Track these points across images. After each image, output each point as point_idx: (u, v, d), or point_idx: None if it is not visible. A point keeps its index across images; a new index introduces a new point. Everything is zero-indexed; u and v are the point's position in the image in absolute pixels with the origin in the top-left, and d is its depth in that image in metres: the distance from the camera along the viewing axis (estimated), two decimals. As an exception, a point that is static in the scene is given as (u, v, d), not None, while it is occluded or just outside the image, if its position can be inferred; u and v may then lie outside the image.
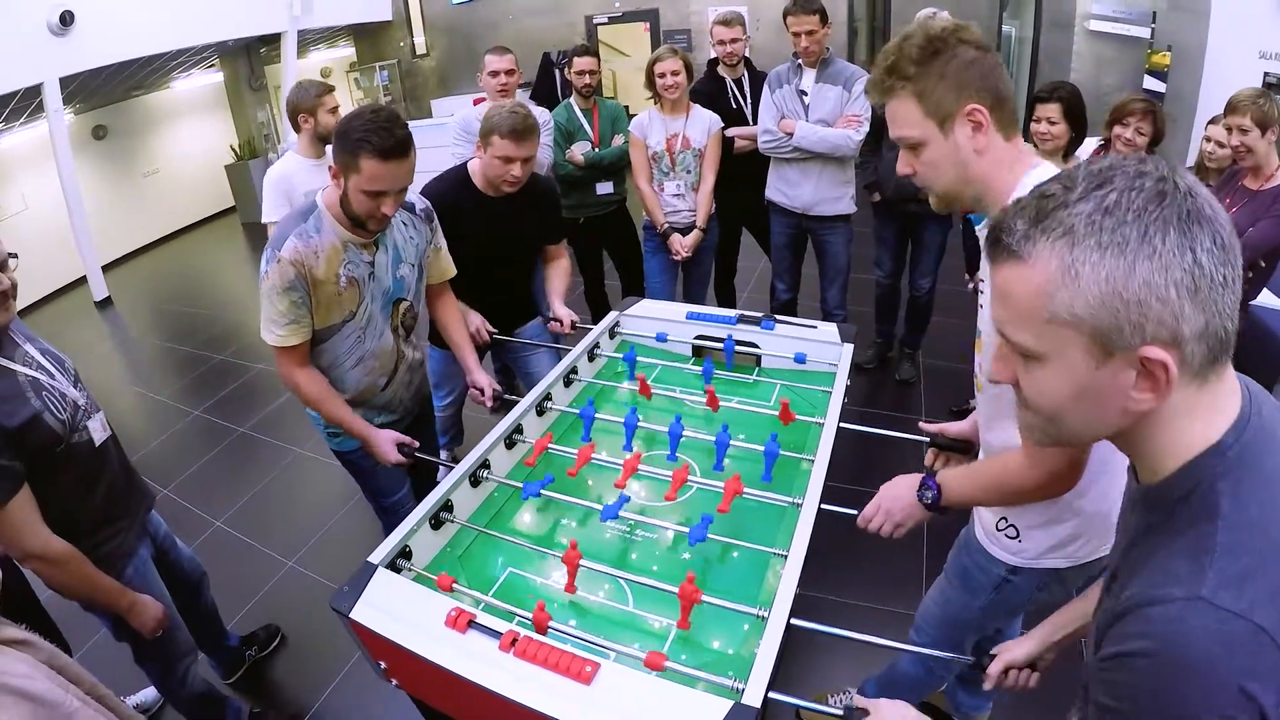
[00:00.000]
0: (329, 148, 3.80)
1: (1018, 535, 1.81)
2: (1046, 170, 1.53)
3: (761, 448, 2.22)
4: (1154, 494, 0.97)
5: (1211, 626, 0.82)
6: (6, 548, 1.95)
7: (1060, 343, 0.89)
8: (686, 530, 1.97)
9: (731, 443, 2.29)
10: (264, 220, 3.82)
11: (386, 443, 2.54)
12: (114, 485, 2.27)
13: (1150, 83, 6.14)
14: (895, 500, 1.87)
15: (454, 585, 1.87)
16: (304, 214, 2.37)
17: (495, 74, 4.17)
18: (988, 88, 1.47)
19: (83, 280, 8.66)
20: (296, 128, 3.91)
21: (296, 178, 3.81)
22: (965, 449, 2.13)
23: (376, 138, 2.16)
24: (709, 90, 4.48)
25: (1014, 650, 1.63)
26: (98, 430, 2.19)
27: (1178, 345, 0.85)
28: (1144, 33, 6.35)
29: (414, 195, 2.69)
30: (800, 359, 2.84)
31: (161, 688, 2.59)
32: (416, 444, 2.60)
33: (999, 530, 1.85)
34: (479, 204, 3.11)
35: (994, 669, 1.65)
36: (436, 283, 2.86)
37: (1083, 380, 0.90)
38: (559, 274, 3.43)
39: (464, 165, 3.18)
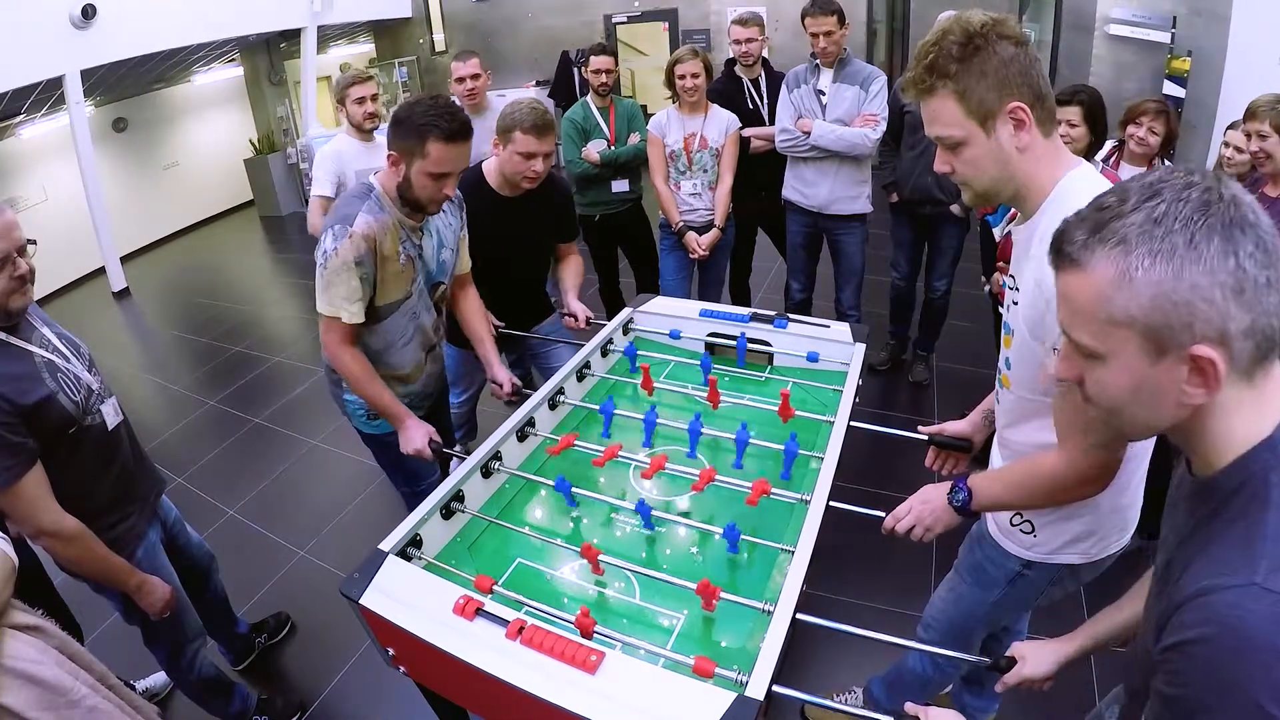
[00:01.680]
0: (377, 133, 4.01)
1: (1033, 530, 1.81)
2: (1085, 169, 1.53)
3: (780, 446, 2.24)
4: (1207, 487, 1.02)
5: (1266, 610, 0.85)
6: (19, 524, 1.98)
7: (1118, 342, 0.96)
8: (701, 527, 2.00)
9: (751, 441, 2.30)
10: (314, 193, 4.03)
11: (420, 433, 2.55)
12: (125, 468, 2.30)
13: (1170, 88, 6.09)
14: (925, 504, 1.86)
15: (494, 587, 1.84)
16: (364, 194, 2.40)
17: (460, 80, 4.30)
18: (1029, 84, 1.45)
19: (101, 271, 8.73)
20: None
21: (346, 156, 4.01)
22: (965, 448, 2.13)
23: (444, 122, 2.25)
24: (726, 90, 4.48)
25: (1035, 666, 1.61)
26: (110, 414, 2.23)
27: (1225, 343, 0.90)
28: (1164, 38, 6.29)
29: None
30: (813, 358, 2.85)
31: (170, 671, 2.61)
32: (442, 445, 2.60)
33: (1013, 525, 1.85)
34: (494, 204, 3.13)
35: (1010, 679, 1.64)
36: (460, 272, 2.89)
37: (1140, 376, 0.97)
38: (572, 271, 3.45)
39: (479, 165, 3.20)
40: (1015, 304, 1.62)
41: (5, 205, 1.94)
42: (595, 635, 1.67)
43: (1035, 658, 1.62)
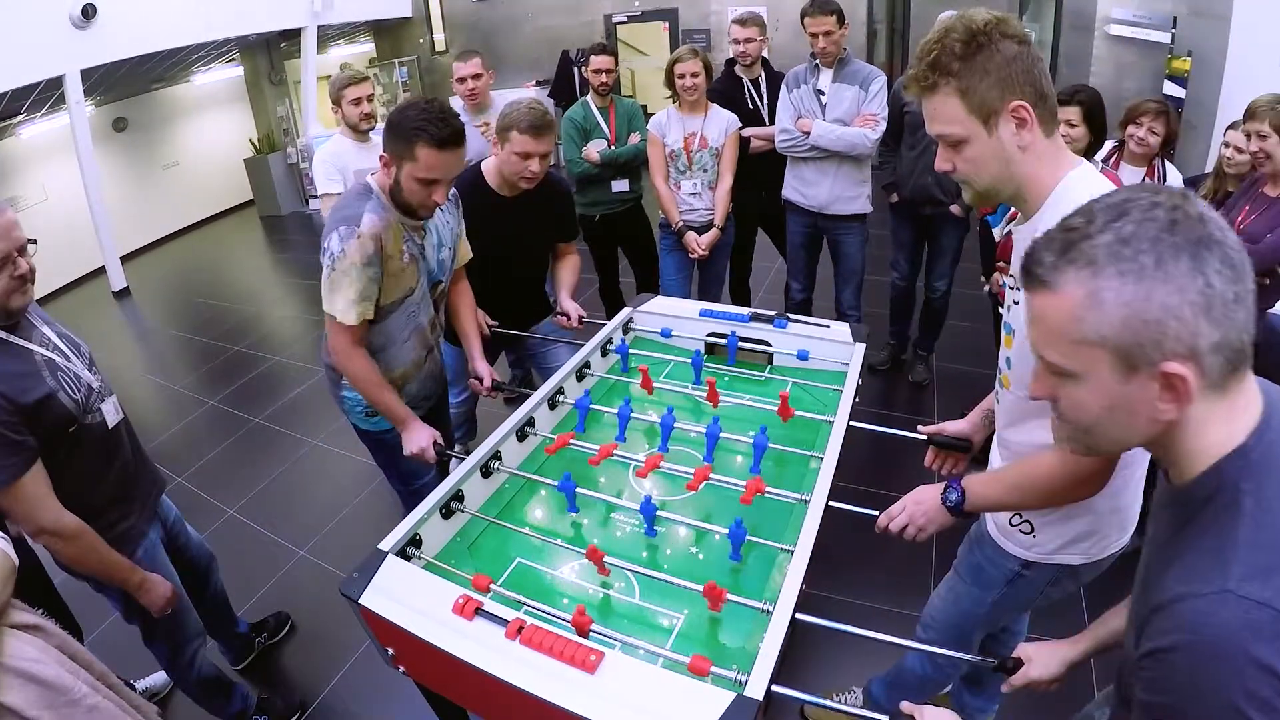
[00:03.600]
0: (373, 133, 4.02)
1: (1032, 530, 1.81)
2: (1085, 169, 1.52)
3: (750, 440, 2.25)
4: (1183, 495, 1.04)
5: (1238, 615, 0.88)
6: (19, 523, 1.98)
7: (1090, 362, 0.99)
8: (700, 525, 2.01)
9: (723, 435, 2.31)
10: (320, 192, 4.09)
11: (424, 434, 2.55)
12: (126, 467, 2.31)
13: (1170, 88, 6.09)
14: (918, 504, 1.86)
15: (491, 586, 1.84)
16: (365, 194, 2.40)
17: (462, 80, 4.33)
18: (1031, 83, 1.45)
19: (101, 270, 8.75)
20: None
21: (344, 156, 4.05)
22: (965, 447, 2.13)
23: (434, 127, 2.23)
24: (726, 90, 4.49)
25: (1042, 668, 1.60)
26: (111, 413, 2.23)
27: (1195, 359, 0.93)
28: (1164, 38, 6.30)
29: None
30: (803, 355, 2.85)
31: (170, 670, 2.61)
32: (445, 448, 2.61)
33: (1013, 525, 1.85)
34: (494, 204, 3.13)
35: (1018, 680, 1.63)
36: (457, 266, 2.90)
37: (1112, 394, 1.00)
38: (569, 270, 3.46)
39: (478, 165, 3.20)
40: (1016, 304, 1.61)
41: (5, 205, 1.94)
42: (594, 635, 1.67)
43: (1041, 659, 1.60)
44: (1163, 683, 0.95)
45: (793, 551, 1.82)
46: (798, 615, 1.67)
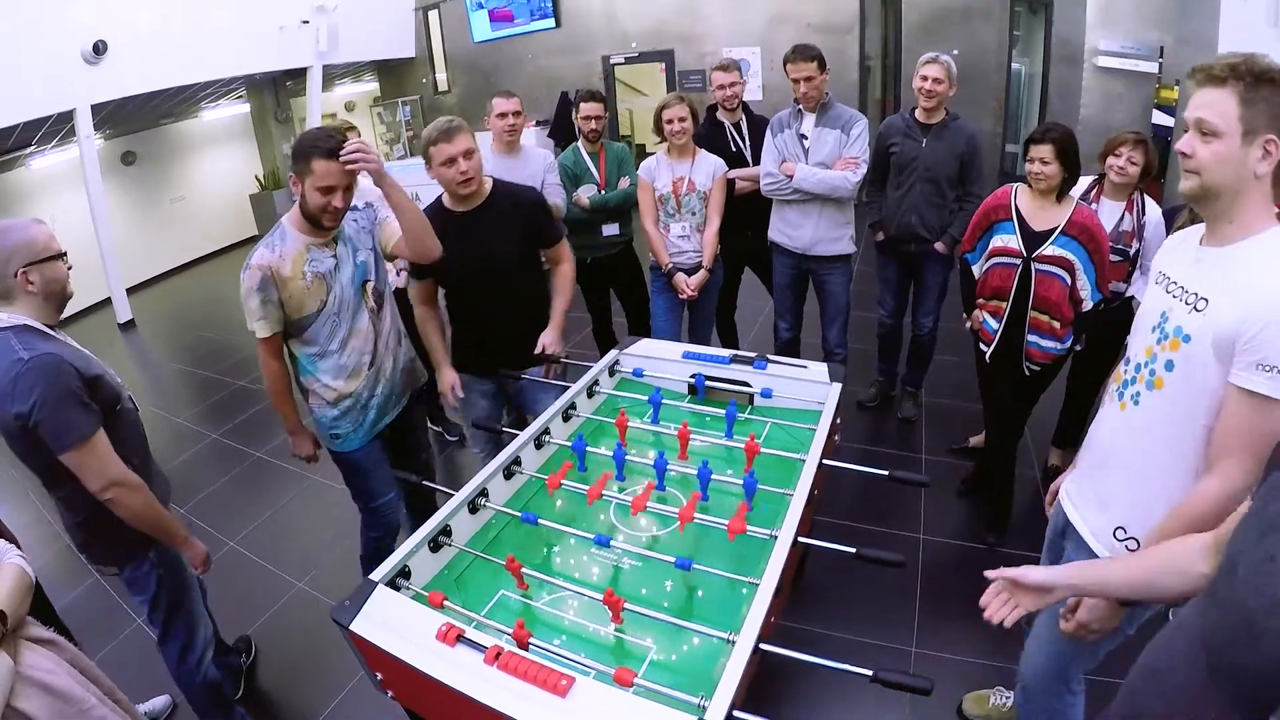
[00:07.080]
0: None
1: (1139, 546, 1.84)
2: None
3: (739, 481, 2.36)
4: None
5: None
6: (92, 478, 2.22)
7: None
8: (671, 560, 2.10)
9: (714, 477, 2.41)
10: None
11: (305, 444, 3.15)
12: (149, 458, 2.61)
13: (1159, 117, 6.14)
14: (1092, 610, 1.83)
15: (444, 603, 1.99)
16: (271, 232, 2.85)
17: (503, 115, 4.34)
18: None
19: (107, 302, 8.90)
20: None
21: None
22: (926, 483, 2.34)
23: (322, 143, 2.64)
24: (709, 135, 4.62)
25: (1024, 573, 1.58)
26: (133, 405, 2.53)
27: None
28: (1152, 68, 6.37)
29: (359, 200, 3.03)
30: (766, 394, 3.00)
31: (179, 671, 2.76)
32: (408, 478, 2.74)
33: (1119, 541, 1.89)
34: (451, 220, 3.18)
35: (993, 572, 1.62)
36: (391, 245, 3.02)
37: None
38: (559, 289, 3.48)
39: (440, 195, 3.30)
40: (1197, 310, 1.71)
41: (32, 220, 2.29)
42: (569, 662, 1.78)
43: (1034, 571, 1.59)
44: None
45: (758, 585, 1.92)
46: (762, 645, 1.76)
